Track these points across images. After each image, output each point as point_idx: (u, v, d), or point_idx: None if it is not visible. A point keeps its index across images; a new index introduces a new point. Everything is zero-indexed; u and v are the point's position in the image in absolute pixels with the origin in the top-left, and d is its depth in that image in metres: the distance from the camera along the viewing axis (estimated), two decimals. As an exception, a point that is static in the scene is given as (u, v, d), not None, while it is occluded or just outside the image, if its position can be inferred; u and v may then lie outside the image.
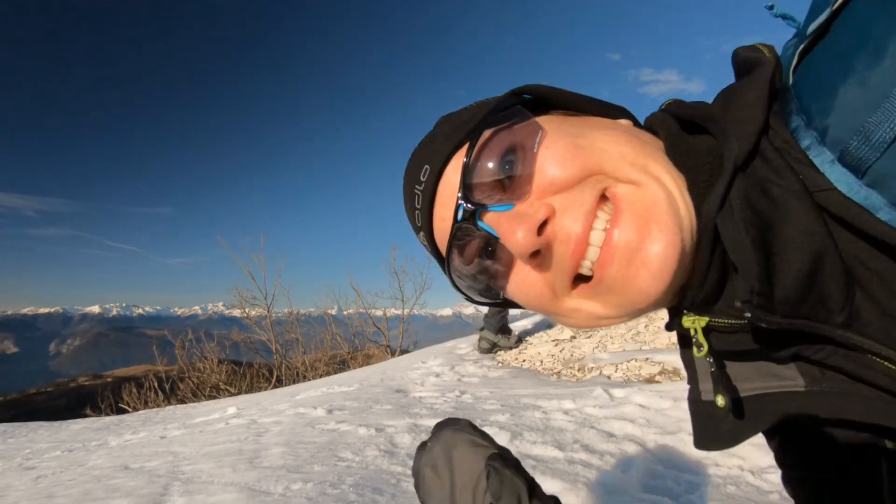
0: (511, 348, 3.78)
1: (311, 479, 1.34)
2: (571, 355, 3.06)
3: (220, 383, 7.44)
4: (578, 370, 2.69)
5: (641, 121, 0.47)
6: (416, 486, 0.57)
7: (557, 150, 0.38)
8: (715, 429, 0.43)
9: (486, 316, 3.88)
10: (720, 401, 0.39)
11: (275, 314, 8.88)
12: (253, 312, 8.80)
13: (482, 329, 3.86)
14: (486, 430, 1.69)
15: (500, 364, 3.19)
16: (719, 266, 0.37)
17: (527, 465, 1.37)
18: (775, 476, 1.26)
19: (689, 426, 0.44)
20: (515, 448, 1.52)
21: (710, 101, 0.42)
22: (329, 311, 9.47)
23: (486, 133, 0.40)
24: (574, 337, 3.51)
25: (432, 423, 1.84)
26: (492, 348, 3.82)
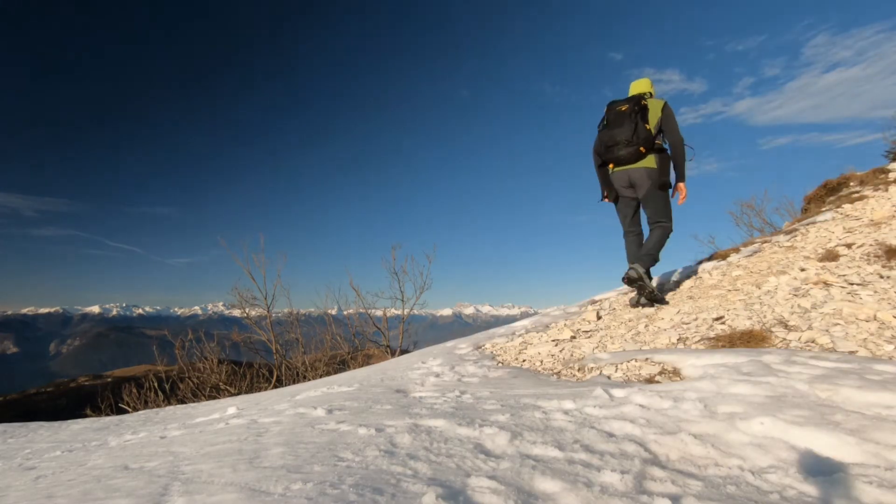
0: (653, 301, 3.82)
1: (311, 479, 1.34)
2: (571, 355, 3.06)
3: (220, 383, 7.44)
4: (578, 370, 2.69)
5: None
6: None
7: None
8: None
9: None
10: None
11: (275, 314, 8.89)
12: (253, 312, 8.81)
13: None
14: (486, 430, 1.69)
15: (500, 364, 3.19)
16: None
17: (527, 465, 1.37)
18: (775, 476, 1.26)
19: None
20: (515, 448, 1.52)
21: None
22: (329, 311, 9.49)
23: None
24: (574, 337, 3.51)
25: (432, 423, 1.84)
26: (640, 298, 3.87)
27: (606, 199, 4.02)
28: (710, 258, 5.32)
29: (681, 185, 3.74)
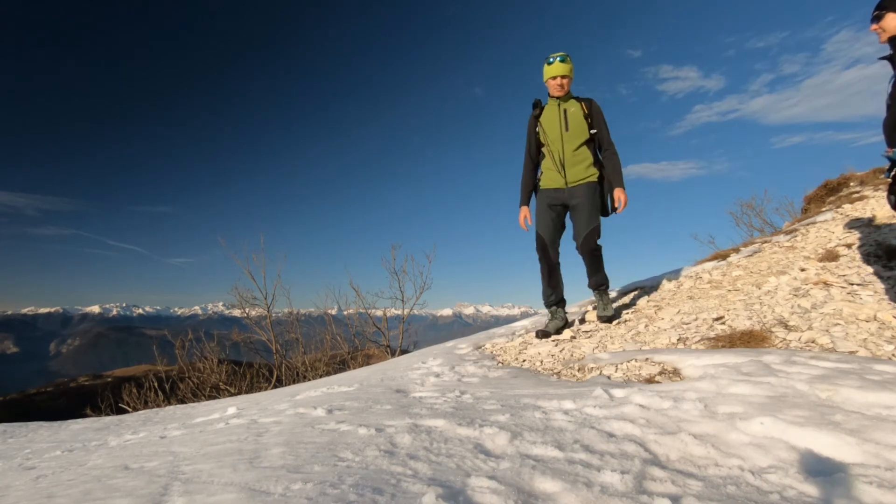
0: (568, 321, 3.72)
1: (311, 479, 1.34)
2: (571, 355, 3.06)
3: (220, 383, 7.44)
4: (578, 370, 2.69)
5: None
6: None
7: None
8: None
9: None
10: None
11: (275, 314, 8.89)
12: (253, 312, 8.81)
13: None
14: (486, 430, 1.69)
15: (500, 364, 3.19)
16: None
17: (527, 465, 1.37)
18: (775, 476, 1.26)
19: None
20: (515, 448, 1.52)
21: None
22: (329, 311, 9.49)
23: None
24: (574, 337, 3.51)
25: (432, 423, 1.84)
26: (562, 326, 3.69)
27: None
28: (710, 258, 5.32)
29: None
